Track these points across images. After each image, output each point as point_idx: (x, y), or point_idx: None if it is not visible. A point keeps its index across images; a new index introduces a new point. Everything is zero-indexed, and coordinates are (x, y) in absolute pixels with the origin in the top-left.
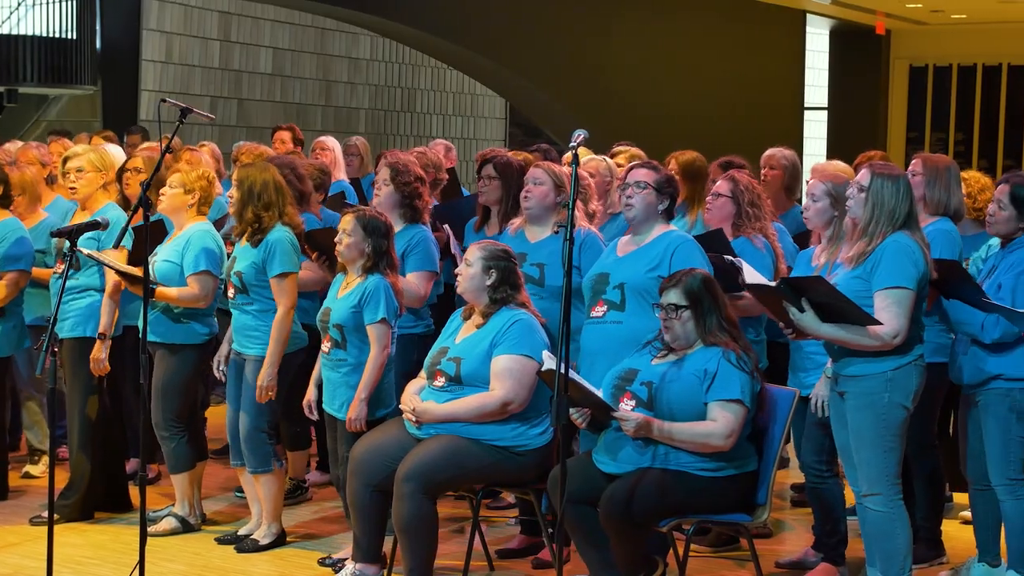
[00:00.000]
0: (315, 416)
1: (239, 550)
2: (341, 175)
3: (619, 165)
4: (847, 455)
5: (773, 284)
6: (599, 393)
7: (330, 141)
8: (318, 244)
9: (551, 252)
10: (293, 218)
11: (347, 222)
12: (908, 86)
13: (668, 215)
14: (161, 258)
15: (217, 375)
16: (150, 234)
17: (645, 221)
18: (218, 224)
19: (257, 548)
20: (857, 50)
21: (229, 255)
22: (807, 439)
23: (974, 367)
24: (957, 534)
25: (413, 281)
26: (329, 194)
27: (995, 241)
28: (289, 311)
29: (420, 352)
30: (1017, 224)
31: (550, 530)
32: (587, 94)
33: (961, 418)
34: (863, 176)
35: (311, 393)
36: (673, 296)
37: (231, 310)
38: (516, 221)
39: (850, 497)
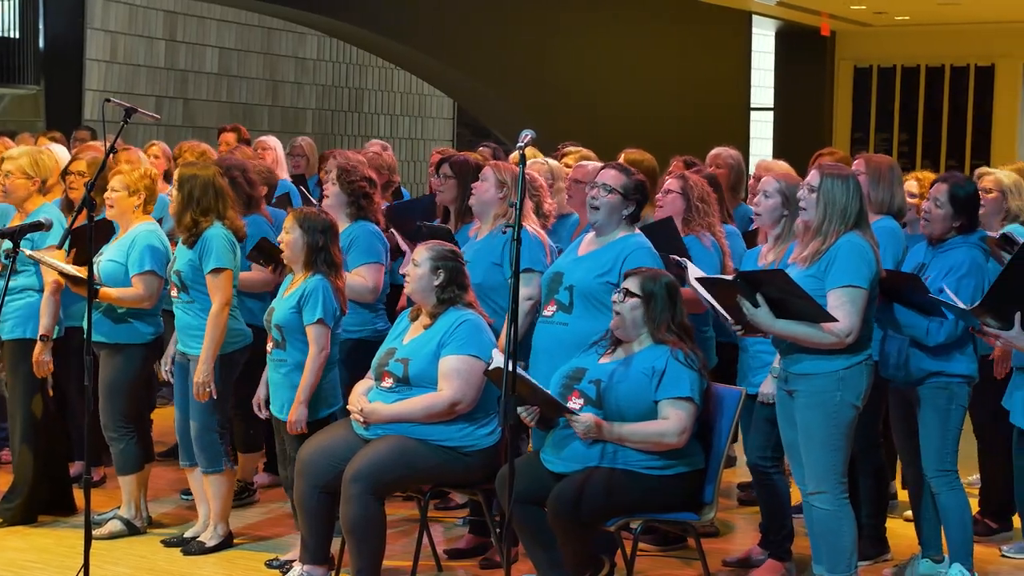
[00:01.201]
0: (264, 415)
1: (186, 552)
2: (283, 174)
3: (567, 166)
4: (794, 453)
5: (729, 278)
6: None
7: (271, 140)
8: (266, 254)
9: (477, 250)
10: (234, 221)
11: (287, 221)
12: (853, 87)
13: (633, 219)
14: (106, 258)
15: (164, 376)
16: (98, 234)
17: (609, 224)
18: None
19: (204, 550)
20: (802, 51)
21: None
22: (754, 436)
23: (916, 365)
24: (901, 531)
25: (360, 274)
26: (275, 195)
27: None
28: (224, 307)
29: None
30: (951, 223)
31: (498, 530)
32: (535, 94)
33: (895, 415)
34: (813, 177)
35: (261, 393)
36: (631, 283)
37: (174, 310)
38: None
39: (796, 495)
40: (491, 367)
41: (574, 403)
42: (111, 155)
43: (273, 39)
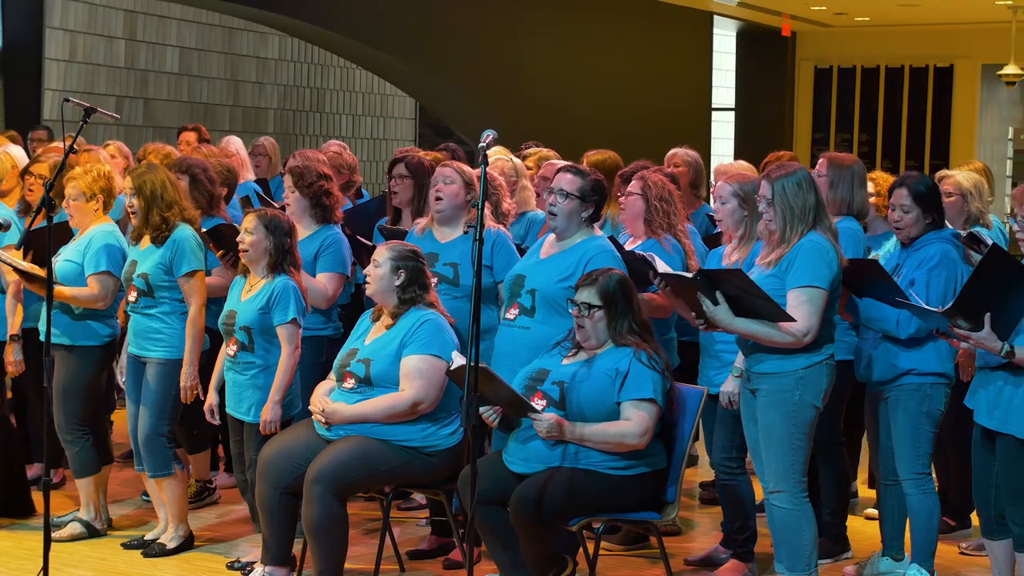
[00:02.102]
0: (217, 421)
1: (146, 555)
2: (248, 175)
3: (528, 167)
4: (757, 452)
5: (689, 275)
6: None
7: (235, 143)
8: (223, 240)
9: (463, 252)
10: (189, 211)
11: (249, 221)
12: (813, 87)
13: (593, 220)
14: (64, 258)
15: (120, 383)
16: (56, 235)
17: (568, 227)
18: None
19: (164, 552)
20: (763, 52)
21: None
22: (718, 436)
23: (885, 363)
24: (862, 529)
25: (322, 281)
26: (238, 195)
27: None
28: (201, 309)
29: (329, 354)
30: (924, 223)
31: (461, 530)
32: (497, 94)
33: (869, 415)
34: (765, 189)
35: (212, 398)
36: (587, 295)
37: (130, 314)
38: (422, 221)
39: (760, 494)
40: (453, 367)
41: (537, 404)
42: (71, 155)
43: (234, 39)
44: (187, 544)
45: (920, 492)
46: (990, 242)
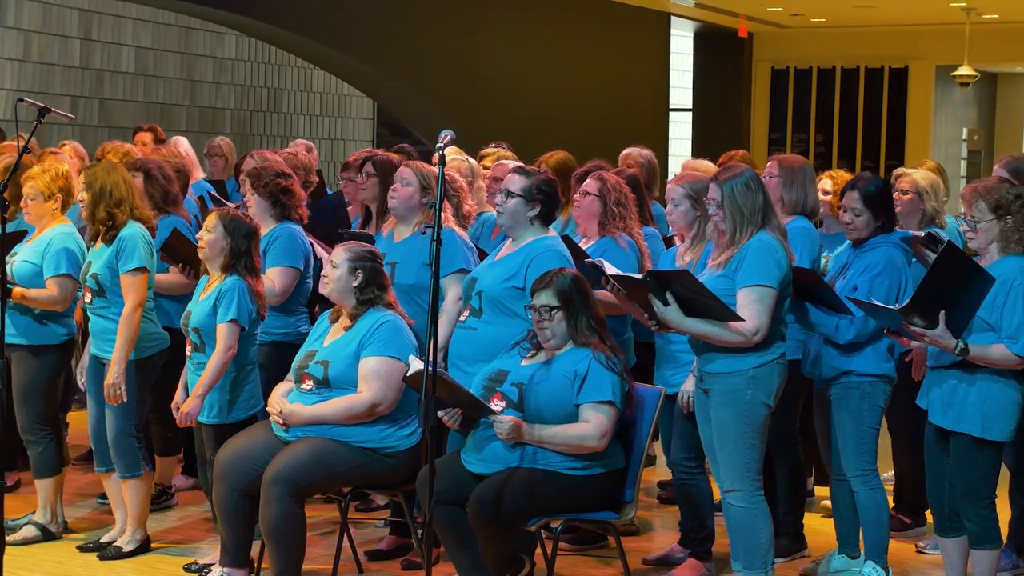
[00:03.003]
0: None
1: (102, 558)
2: (198, 175)
3: (485, 167)
4: (712, 451)
5: (639, 277)
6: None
7: (183, 143)
8: (177, 254)
9: (405, 251)
10: (143, 211)
11: (210, 220)
12: (770, 88)
13: (544, 220)
14: (21, 259)
15: (80, 385)
16: (9, 235)
17: (516, 228)
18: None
19: (120, 555)
20: (720, 53)
21: None
22: (676, 436)
23: (827, 364)
24: (818, 527)
25: (269, 277)
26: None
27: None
28: (137, 308)
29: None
30: (874, 225)
31: (419, 531)
32: (455, 95)
33: (816, 413)
34: (714, 192)
35: (179, 396)
36: (545, 297)
37: (89, 315)
38: (389, 222)
39: (717, 493)
40: (409, 373)
41: (496, 405)
42: (26, 155)
43: (190, 38)
44: (144, 547)
45: (867, 488)
46: (947, 240)
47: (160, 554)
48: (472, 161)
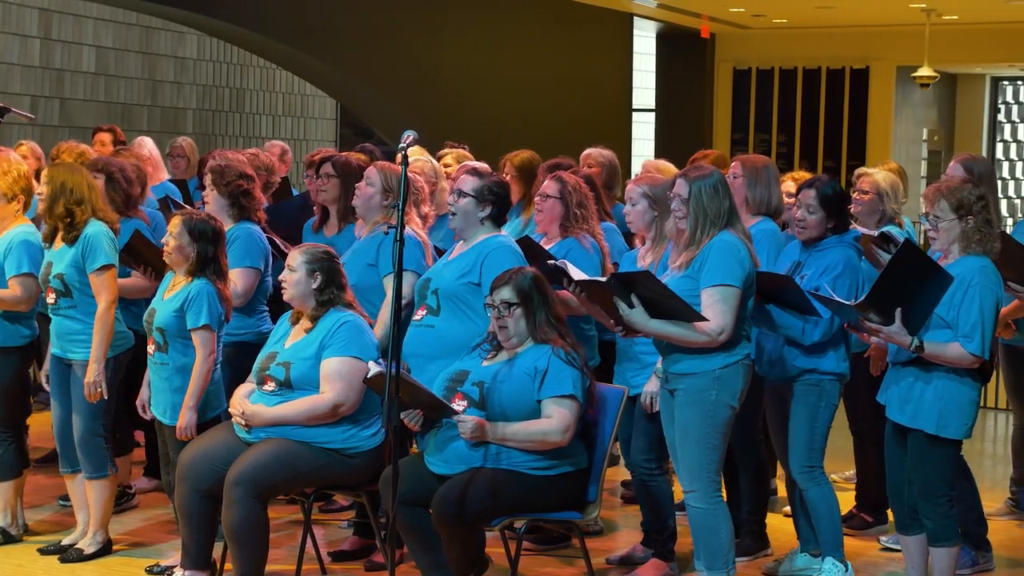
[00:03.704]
0: (149, 416)
1: (63, 560)
2: (162, 176)
3: (446, 166)
4: (676, 451)
5: (604, 280)
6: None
7: (147, 144)
8: (139, 256)
9: (354, 250)
10: (107, 214)
11: (175, 224)
12: (732, 88)
13: (496, 221)
14: None
15: (45, 386)
16: None
17: (467, 228)
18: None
19: (82, 558)
20: (683, 53)
21: None
22: (637, 436)
23: (786, 363)
24: (781, 526)
25: (231, 278)
26: (156, 196)
27: None
28: (110, 306)
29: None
30: (826, 226)
31: (383, 532)
32: (418, 95)
33: (771, 412)
34: (680, 188)
35: (144, 394)
36: (505, 294)
37: (51, 315)
38: (359, 222)
39: (679, 493)
40: (370, 375)
41: (458, 405)
42: None
43: (152, 38)
44: (106, 549)
45: (813, 484)
46: (901, 240)
47: (122, 556)
48: (435, 162)
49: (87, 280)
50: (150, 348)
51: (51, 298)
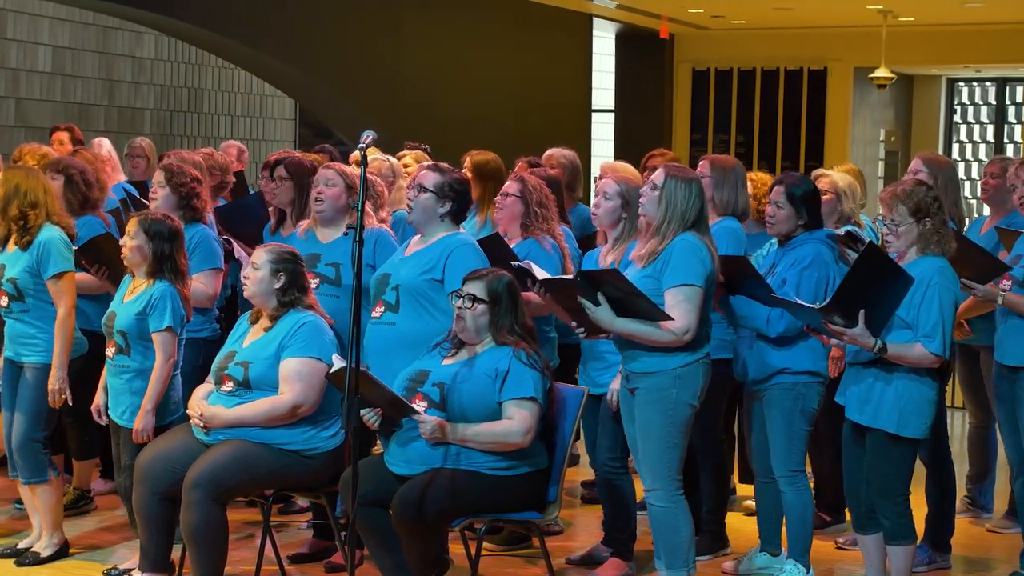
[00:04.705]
0: (103, 421)
1: (19, 564)
2: (120, 177)
3: (405, 167)
4: (637, 450)
5: (570, 278)
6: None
7: (106, 145)
8: (97, 255)
9: (345, 252)
10: (63, 219)
11: (131, 225)
12: (691, 89)
13: (455, 218)
14: None
15: None
16: None
17: (426, 224)
18: None
19: (38, 561)
20: (642, 54)
21: None
22: (602, 435)
23: (759, 362)
24: (740, 526)
25: (201, 281)
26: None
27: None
28: (70, 311)
29: (206, 356)
30: (796, 222)
31: (343, 533)
32: (377, 95)
33: (746, 413)
34: (658, 176)
35: (99, 398)
36: (475, 288)
37: (4, 318)
38: (304, 223)
39: (641, 492)
40: (332, 370)
41: (418, 406)
42: None
43: (109, 37)
44: (62, 552)
45: (794, 489)
46: (867, 239)
47: (79, 559)
48: (393, 160)
49: (42, 285)
50: (109, 351)
51: (3, 301)
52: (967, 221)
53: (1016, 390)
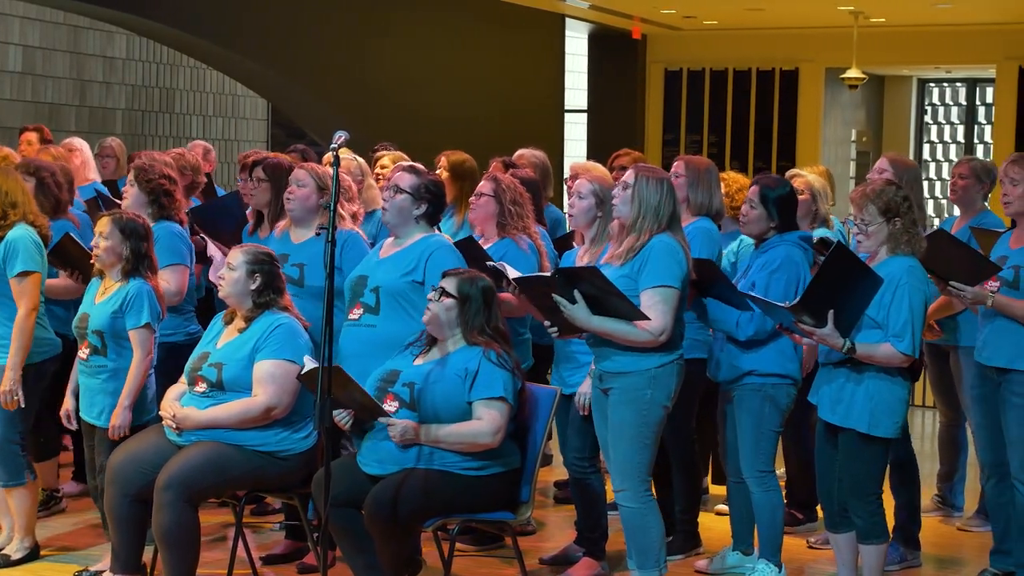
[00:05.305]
0: (74, 426)
1: None
2: (93, 176)
3: (383, 167)
4: (608, 451)
5: (547, 275)
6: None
7: (77, 142)
8: (67, 258)
9: (312, 253)
10: (38, 219)
11: (103, 225)
12: (664, 89)
13: (430, 219)
14: None
15: None
16: None
17: (402, 225)
18: None
19: (9, 564)
20: (615, 54)
21: None
22: (572, 435)
23: (729, 364)
24: (713, 525)
25: (163, 277)
26: (83, 197)
27: (750, 240)
28: (31, 312)
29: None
30: (768, 224)
31: (315, 534)
32: (350, 95)
33: (720, 414)
34: (628, 175)
35: (69, 402)
36: (448, 283)
37: None
38: (282, 223)
39: (612, 492)
40: (304, 370)
41: (389, 406)
42: None
43: (80, 37)
44: (33, 555)
45: (763, 490)
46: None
47: (50, 561)
48: (361, 160)
49: (6, 284)
50: (83, 353)
51: None
52: (936, 222)
53: (1003, 392)
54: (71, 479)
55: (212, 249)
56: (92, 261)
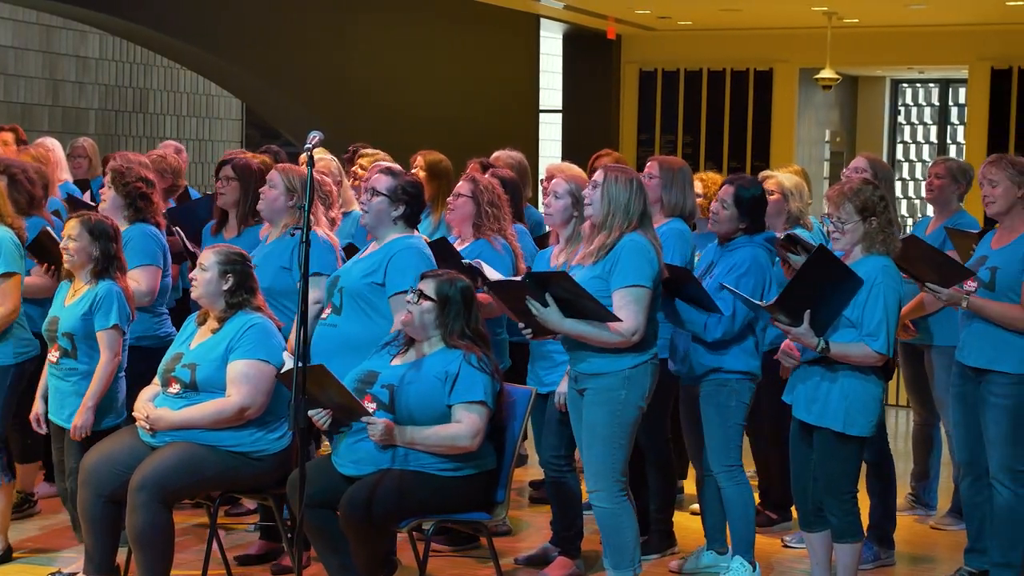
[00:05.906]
0: (44, 430)
1: None
2: (65, 176)
3: (362, 168)
4: (583, 451)
5: (519, 279)
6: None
7: (50, 141)
8: (45, 252)
9: (266, 254)
10: (15, 220)
11: (72, 227)
12: (638, 89)
13: (408, 221)
14: None
15: None
16: None
17: (379, 227)
18: None
19: None
20: (589, 55)
21: None
22: (546, 433)
23: (694, 361)
24: (687, 524)
25: (134, 278)
26: (57, 196)
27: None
28: (12, 313)
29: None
30: (737, 224)
31: (290, 535)
32: (325, 95)
33: (684, 411)
34: (598, 175)
35: (38, 406)
36: (425, 285)
37: None
38: (267, 225)
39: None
40: (284, 369)
41: (367, 407)
42: None
43: (53, 37)
44: (5, 557)
45: (733, 484)
46: (813, 245)
47: (22, 563)
48: (338, 161)
49: None
50: (53, 356)
51: None
52: (909, 222)
53: (982, 392)
54: (42, 480)
55: (192, 245)
56: (63, 262)
